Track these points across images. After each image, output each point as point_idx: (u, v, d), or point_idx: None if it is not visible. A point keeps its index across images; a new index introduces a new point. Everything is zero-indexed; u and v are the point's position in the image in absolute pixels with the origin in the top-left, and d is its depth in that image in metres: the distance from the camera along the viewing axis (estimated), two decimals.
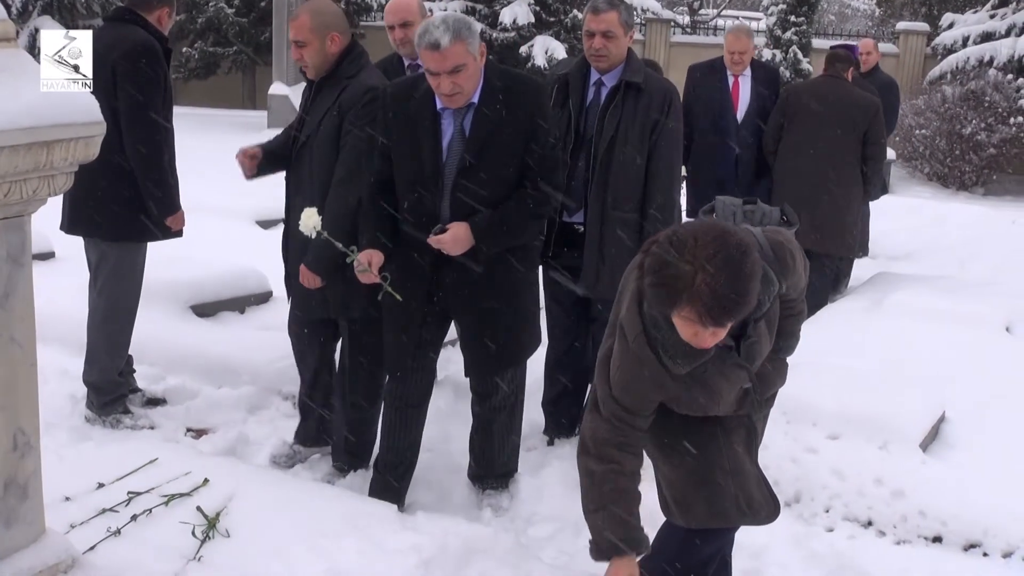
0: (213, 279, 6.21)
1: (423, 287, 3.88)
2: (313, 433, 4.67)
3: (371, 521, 3.50)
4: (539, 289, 4.24)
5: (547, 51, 18.33)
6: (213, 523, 3.35)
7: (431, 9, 17.50)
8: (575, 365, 4.81)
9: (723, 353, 2.71)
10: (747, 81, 6.93)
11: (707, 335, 2.47)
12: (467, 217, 3.72)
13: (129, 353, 5.07)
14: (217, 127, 16.25)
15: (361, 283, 3.85)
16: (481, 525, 3.90)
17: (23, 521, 2.85)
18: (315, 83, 4.25)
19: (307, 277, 4.14)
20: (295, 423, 4.98)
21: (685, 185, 6.77)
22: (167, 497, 3.47)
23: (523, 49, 18.66)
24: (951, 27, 18.20)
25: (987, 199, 14.03)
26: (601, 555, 2.87)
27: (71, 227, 4.84)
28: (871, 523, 4.08)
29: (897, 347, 5.46)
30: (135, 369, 5.21)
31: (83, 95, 2.74)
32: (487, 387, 4.14)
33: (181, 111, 15.53)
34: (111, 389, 4.92)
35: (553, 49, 18.31)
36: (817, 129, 6.71)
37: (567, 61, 5.19)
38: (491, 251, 3.78)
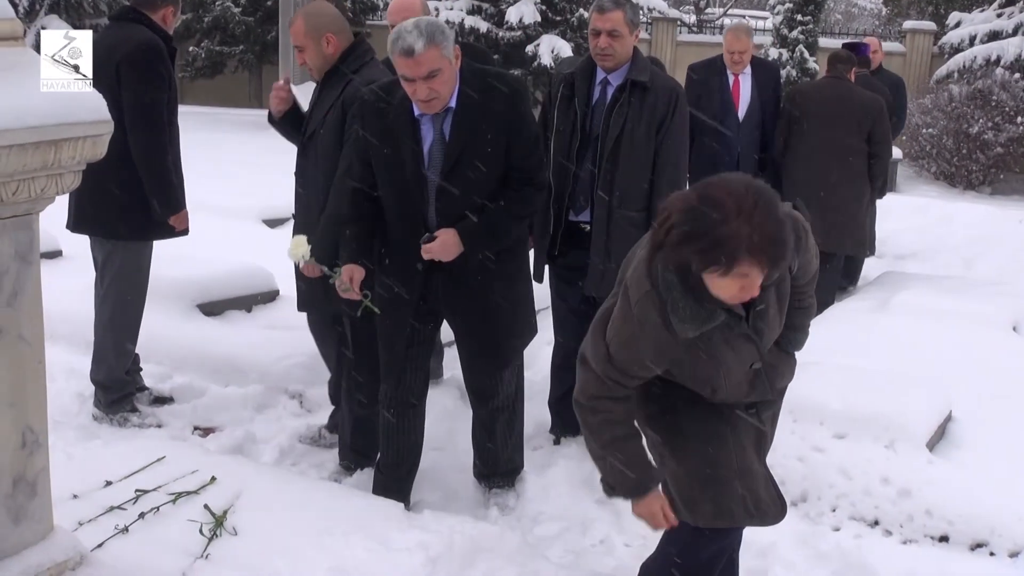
0: (220, 278, 6.21)
1: (414, 288, 3.86)
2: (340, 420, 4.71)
3: (378, 519, 3.50)
4: (530, 278, 4.19)
5: (553, 50, 18.34)
6: (220, 521, 3.35)
7: (436, 8, 17.55)
8: None
9: (731, 321, 2.68)
10: (747, 80, 6.91)
11: (754, 286, 2.49)
12: (454, 222, 3.70)
13: (136, 352, 5.08)
14: (223, 126, 16.29)
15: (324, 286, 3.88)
16: (488, 524, 3.90)
17: (32, 518, 2.85)
18: (320, 80, 4.33)
19: (308, 267, 4.15)
20: (302, 422, 5.01)
21: (688, 184, 6.78)
22: (175, 495, 3.48)
23: (529, 48, 18.67)
24: (958, 26, 18.16)
25: (994, 198, 13.99)
26: (614, 495, 2.97)
27: (77, 226, 4.85)
28: (878, 522, 4.08)
29: (904, 346, 5.45)
30: (142, 367, 5.23)
31: (91, 94, 2.74)
32: (486, 387, 4.12)
33: (187, 110, 15.56)
34: (118, 387, 4.94)
35: (559, 48, 18.32)
36: (822, 131, 6.76)
37: (572, 59, 5.18)
38: (480, 255, 3.78)
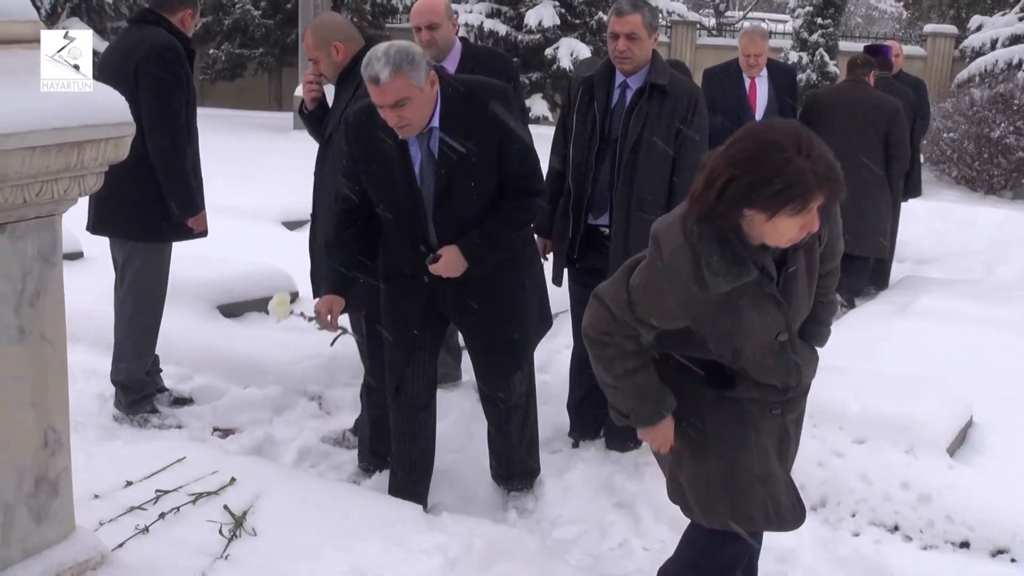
0: (239, 279, 6.23)
1: (420, 296, 3.87)
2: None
3: (396, 521, 3.51)
4: (541, 271, 4.17)
5: (572, 53, 18.35)
6: (240, 522, 3.36)
7: (456, 11, 17.58)
8: None
9: (762, 280, 2.68)
10: (764, 83, 6.89)
11: (814, 222, 2.55)
12: (455, 236, 3.71)
13: (156, 353, 5.10)
14: (243, 128, 16.34)
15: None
16: (506, 526, 3.90)
17: (54, 518, 2.87)
18: (335, 85, 4.38)
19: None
20: (321, 423, 5.02)
21: None
22: (195, 495, 3.50)
23: (548, 51, 18.69)
24: (979, 29, 18.08)
25: (1015, 203, 13.87)
26: (626, 422, 2.95)
27: (96, 227, 4.87)
28: (897, 528, 4.06)
29: (924, 351, 5.43)
30: (162, 368, 5.24)
31: (113, 96, 2.76)
32: (498, 388, 4.12)
33: (208, 112, 15.59)
34: (139, 388, 4.96)
35: (578, 51, 18.33)
36: (839, 134, 6.71)
37: (592, 60, 5.16)
38: (484, 268, 3.78)
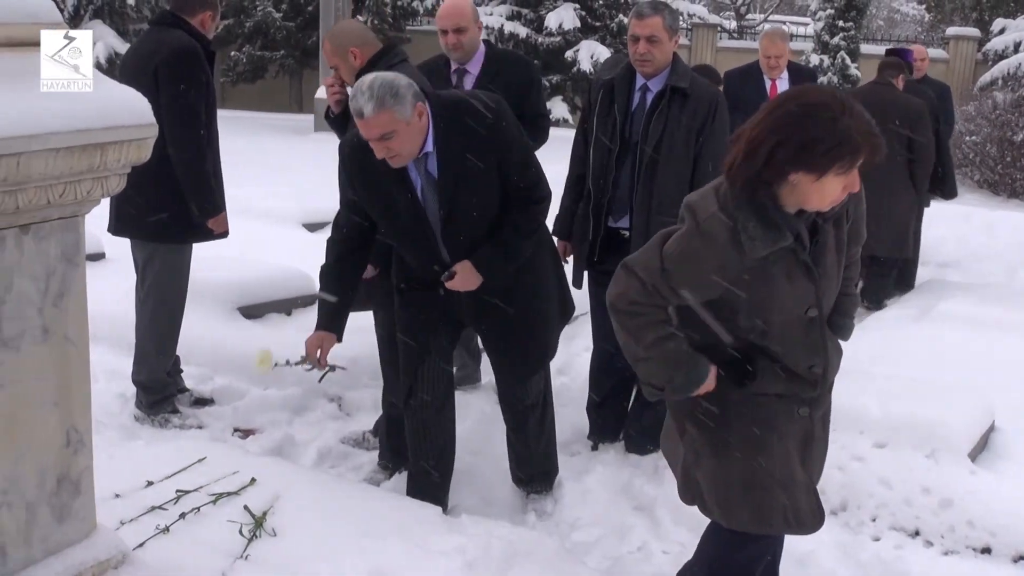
0: (260, 281, 6.25)
1: (436, 306, 3.89)
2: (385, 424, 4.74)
3: (416, 523, 3.51)
4: (558, 263, 4.17)
5: (592, 56, 18.37)
6: (260, 522, 3.37)
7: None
8: (620, 370, 4.78)
9: (796, 247, 2.69)
10: (784, 85, 6.86)
11: (856, 182, 2.60)
12: (467, 251, 3.72)
13: (177, 353, 5.13)
14: (264, 130, 16.40)
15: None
16: (525, 529, 3.90)
17: (75, 517, 2.88)
18: None
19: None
20: (341, 425, 5.04)
21: None
22: (215, 496, 3.50)
23: (568, 54, 18.70)
24: (1002, 32, 18.00)
25: None
26: (660, 396, 2.89)
27: (117, 229, 4.90)
28: (918, 533, 4.04)
29: (945, 355, 5.40)
30: (183, 369, 5.27)
31: (136, 98, 2.77)
32: (516, 391, 4.14)
33: (229, 114, 15.61)
34: (159, 389, 4.98)
35: (599, 54, 18.35)
36: None
37: (617, 57, 5.14)
38: (500, 278, 3.78)
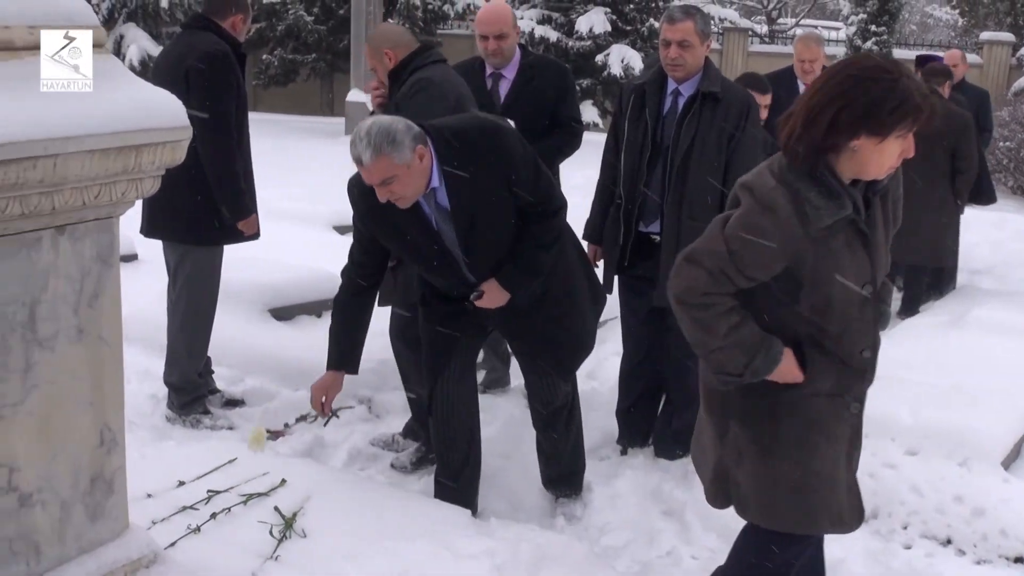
0: (291, 283, 6.28)
1: (466, 318, 3.91)
2: (415, 427, 4.77)
3: (445, 525, 3.52)
4: (583, 258, 4.15)
5: (623, 60, 18.34)
6: (290, 523, 3.39)
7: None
8: (649, 375, 4.78)
9: (855, 217, 2.70)
10: None
11: (911, 146, 2.66)
12: (491, 270, 3.75)
13: (208, 355, 5.15)
14: (296, 133, 16.48)
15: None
16: (554, 533, 3.90)
17: (108, 516, 2.91)
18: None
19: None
20: (370, 426, 5.05)
21: None
22: (245, 496, 3.53)
23: (599, 58, 18.68)
24: None
25: None
26: (739, 381, 2.81)
27: (150, 230, 4.94)
28: (950, 541, 4.01)
29: (978, 363, 5.35)
30: (214, 370, 5.30)
31: (171, 100, 2.79)
32: (546, 396, 4.15)
33: (261, 117, 15.68)
34: (191, 390, 5.01)
35: (629, 58, 18.32)
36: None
37: (651, 60, 5.10)
38: (527, 292, 3.81)
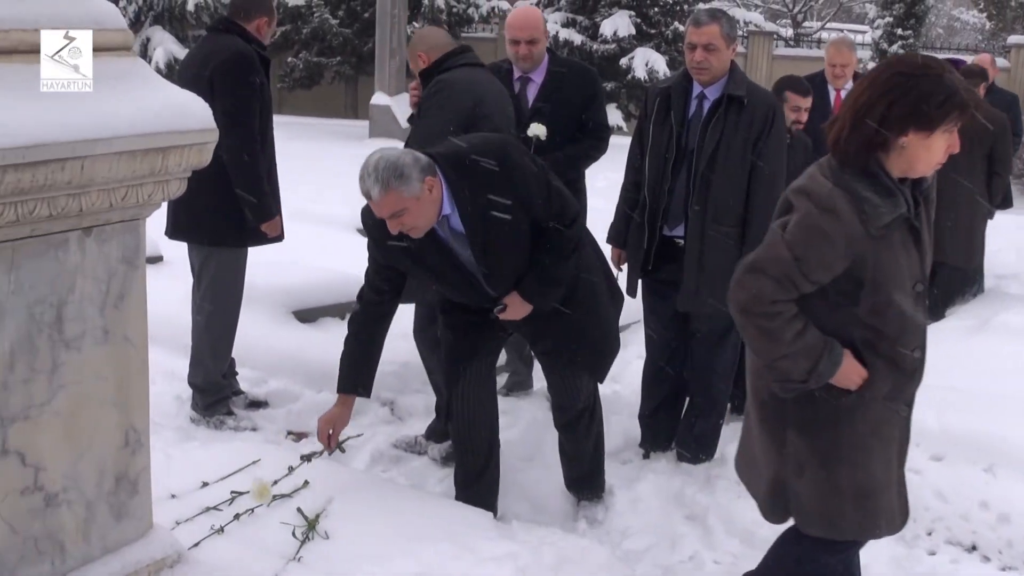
0: (315, 285, 6.30)
1: (490, 326, 3.93)
2: (440, 428, 4.78)
3: (467, 528, 3.52)
4: (600, 259, 4.15)
5: (647, 63, 18.31)
6: (313, 524, 3.39)
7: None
8: (673, 379, 4.77)
9: (910, 212, 2.73)
10: None
11: (956, 142, 2.71)
12: (512, 285, 3.78)
13: (232, 356, 5.18)
14: (320, 136, 16.52)
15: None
16: (576, 536, 3.90)
17: (133, 516, 2.92)
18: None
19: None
20: (393, 428, 5.07)
21: None
22: (269, 498, 3.54)
23: (623, 61, 18.66)
24: None
25: None
26: (802, 387, 2.79)
27: (174, 232, 4.97)
28: (975, 548, 3.99)
29: (1003, 368, 5.31)
30: (238, 372, 5.32)
31: (197, 102, 2.81)
32: (568, 399, 4.16)
33: (286, 120, 15.69)
34: (215, 391, 5.04)
35: (653, 61, 18.29)
36: None
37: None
38: (550, 302, 3.83)
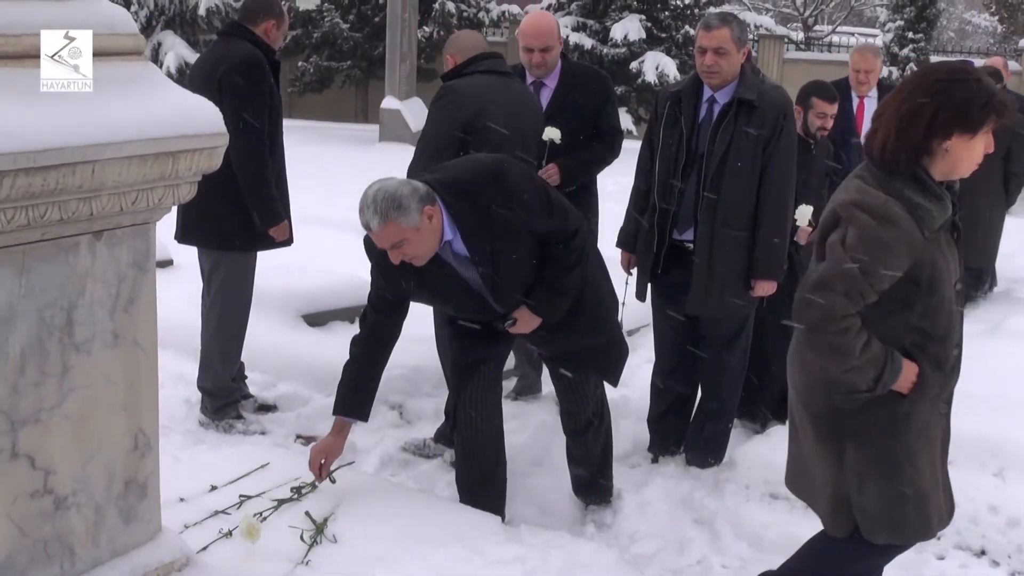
0: (324, 289, 6.31)
1: (494, 333, 3.93)
2: (447, 432, 4.76)
3: (475, 531, 3.52)
4: (599, 263, 4.14)
5: (658, 67, 18.29)
6: (321, 528, 3.39)
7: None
8: (681, 383, 4.77)
9: (954, 218, 2.81)
10: (873, 104, 6.53)
11: (991, 142, 2.79)
12: (519, 301, 3.79)
13: (242, 360, 5.19)
14: (330, 140, 16.55)
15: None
16: (584, 540, 3.89)
17: (141, 519, 2.93)
18: None
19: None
20: (402, 432, 5.06)
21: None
22: (277, 501, 3.54)
23: (633, 65, 18.65)
24: None
25: None
26: (869, 394, 2.80)
27: (184, 236, 4.97)
28: (984, 552, 3.98)
29: (1015, 372, 5.29)
30: (247, 375, 5.33)
31: (208, 107, 2.82)
32: (577, 406, 4.16)
33: (296, 124, 15.74)
34: (224, 395, 5.04)
35: (664, 65, 18.27)
36: None
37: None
38: (559, 313, 3.83)
